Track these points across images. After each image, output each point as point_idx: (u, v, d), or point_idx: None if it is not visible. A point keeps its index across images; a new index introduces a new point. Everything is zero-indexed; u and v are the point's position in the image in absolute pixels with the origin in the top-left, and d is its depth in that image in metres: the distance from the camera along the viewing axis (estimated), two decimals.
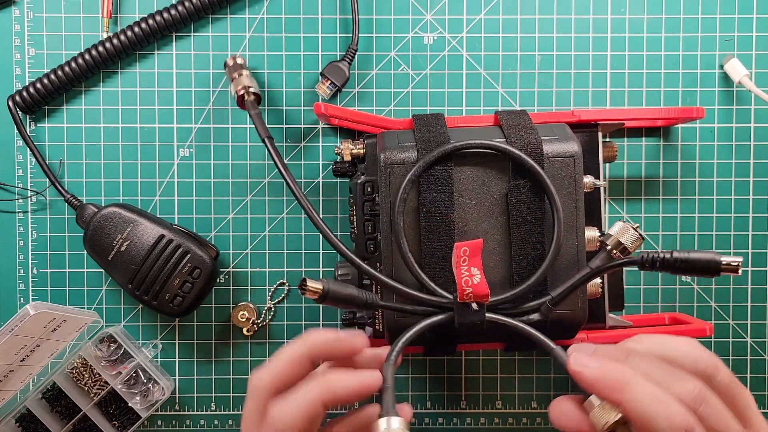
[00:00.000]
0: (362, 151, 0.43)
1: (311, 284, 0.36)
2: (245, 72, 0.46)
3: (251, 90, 0.45)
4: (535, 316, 0.39)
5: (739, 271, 0.34)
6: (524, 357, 0.51)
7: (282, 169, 0.43)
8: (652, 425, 0.30)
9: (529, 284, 0.39)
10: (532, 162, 0.39)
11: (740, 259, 0.34)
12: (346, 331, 0.36)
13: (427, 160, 0.39)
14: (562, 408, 0.35)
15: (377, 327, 0.43)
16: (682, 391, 0.31)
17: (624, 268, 0.46)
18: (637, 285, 0.50)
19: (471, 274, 0.36)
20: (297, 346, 0.35)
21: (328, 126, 0.50)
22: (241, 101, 0.46)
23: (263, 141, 0.43)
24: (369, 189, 0.42)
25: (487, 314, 0.38)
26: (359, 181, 0.42)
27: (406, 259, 0.39)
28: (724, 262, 0.34)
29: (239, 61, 0.47)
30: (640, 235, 0.37)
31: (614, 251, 0.38)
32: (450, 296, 0.38)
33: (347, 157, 0.44)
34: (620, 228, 0.37)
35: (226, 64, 0.48)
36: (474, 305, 0.37)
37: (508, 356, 0.51)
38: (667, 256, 0.35)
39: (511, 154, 0.39)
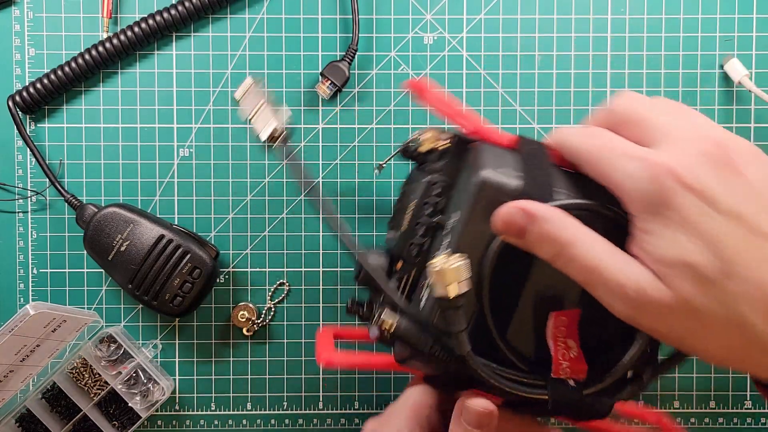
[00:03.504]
0: (446, 147, 0.37)
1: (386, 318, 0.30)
2: (271, 109, 0.40)
3: (282, 133, 0.40)
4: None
5: None
6: None
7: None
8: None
9: (625, 364, 0.33)
10: None
11: None
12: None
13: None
14: None
15: (384, 333, 0.35)
16: None
17: None
18: None
19: (567, 347, 0.32)
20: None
21: (328, 126, 0.50)
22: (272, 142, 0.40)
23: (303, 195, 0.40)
24: (438, 191, 0.36)
25: (585, 392, 0.33)
26: (427, 179, 0.36)
27: (497, 339, 0.33)
28: None
29: (257, 87, 0.41)
30: None
31: None
32: (542, 378, 0.33)
33: (423, 149, 0.37)
34: None
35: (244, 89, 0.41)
36: (571, 381, 0.33)
37: None
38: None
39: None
